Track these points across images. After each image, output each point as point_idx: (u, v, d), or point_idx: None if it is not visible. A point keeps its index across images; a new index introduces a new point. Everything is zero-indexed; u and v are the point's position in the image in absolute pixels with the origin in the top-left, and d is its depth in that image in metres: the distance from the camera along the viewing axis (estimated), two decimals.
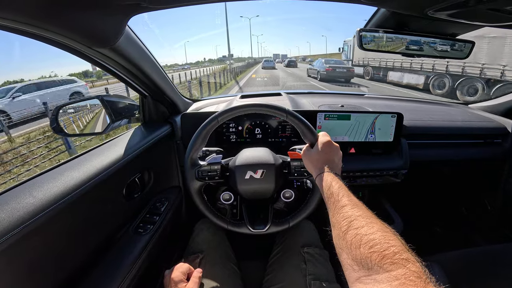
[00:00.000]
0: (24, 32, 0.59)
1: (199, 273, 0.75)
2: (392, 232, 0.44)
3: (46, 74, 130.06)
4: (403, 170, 1.25)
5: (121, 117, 1.06)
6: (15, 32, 0.58)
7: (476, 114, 1.57)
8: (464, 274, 0.97)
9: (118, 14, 0.68)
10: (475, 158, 1.41)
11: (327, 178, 0.64)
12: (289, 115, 0.81)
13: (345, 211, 0.52)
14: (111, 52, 0.79)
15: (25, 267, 0.57)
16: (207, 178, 0.87)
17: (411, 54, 0.98)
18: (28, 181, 0.66)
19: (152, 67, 1.02)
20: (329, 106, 1.45)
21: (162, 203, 1.10)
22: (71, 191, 0.65)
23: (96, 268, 0.76)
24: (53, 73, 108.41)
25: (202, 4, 0.72)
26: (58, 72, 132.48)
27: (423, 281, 0.34)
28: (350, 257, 0.43)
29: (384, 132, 1.22)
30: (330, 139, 0.75)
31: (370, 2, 0.78)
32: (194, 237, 1.00)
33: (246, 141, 1.27)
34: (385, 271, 0.37)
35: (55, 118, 0.94)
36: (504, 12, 0.72)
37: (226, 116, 0.84)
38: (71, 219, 0.68)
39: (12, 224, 0.52)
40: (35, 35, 0.61)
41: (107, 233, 0.86)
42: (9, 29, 0.57)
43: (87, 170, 0.74)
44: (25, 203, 0.57)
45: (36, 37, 0.62)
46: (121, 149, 0.91)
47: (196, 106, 1.51)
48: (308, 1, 0.79)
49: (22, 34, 0.60)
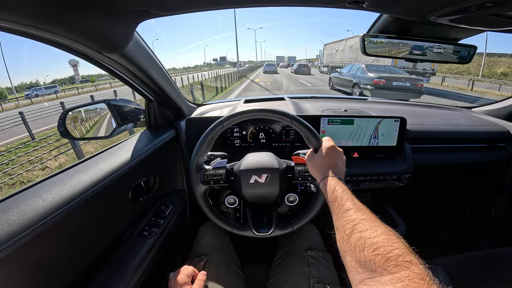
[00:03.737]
0: (36, 36, 0.61)
1: (204, 276, 0.75)
2: (395, 235, 0.44)
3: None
4: (407, 174, 1.25)
5: (127, 121, 1.08)
6: (27, 37, 0.60)
7: (480, 118, 1.57)
8: (468, 277, 0.97)
9: (127, 20, 0.69)
10: (479, 162, 1.41)
11: (331, 182, 0.64)
12: (293, 120, 0.82)
13: (349, 214, 0.52)
14: (120, 58, 0.81)
15: (33, 269, 0.57)
16: (212, 182, 0.87)
17: (414, 59, 0.99)
18: (38, 183, 0.67)
19: (159, 72, 1.04)
20: (332, 110, 1.45)
21: (167, 206, 1.11)
22: (79, 194, 0.66)
23: (102, 270, 0.77)
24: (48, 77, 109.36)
25: (209, 10, 0.73)
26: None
27: (427, 283, 0.34)
28: (354, 259, 0.43)
29: (388, 136, 1.23)
30: (334, 144, 0.75)
31: (373, 9, 0.79)
32: (198, 240, 1.00)
33: (250, 146, 1.27)
34: (388, 273, 0.37)
35: (63, 122, 0.95)
36: (505, 17, 0.73)
37: (231, 121, 0.85)
38: (79, 222, 0.69)
39: (22, 226, 0.53)
40: (47, 40, 0.63)
41: (113, 235, 0.87)
42: (20, 33, 0.58)
43: (95, 174, 0.75)
44: (35, 205, 0.58)
45: (48, 42, 0.64)
46: (128, 153, 0.92)
47: (201, 110, 1.52)
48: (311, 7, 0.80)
49: (34, 38, 0.61)
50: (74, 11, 0.57)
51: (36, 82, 58.18)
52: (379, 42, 0.95)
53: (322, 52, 30.49)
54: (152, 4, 0.63)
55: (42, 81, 68.69)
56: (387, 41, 0.94)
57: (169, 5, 0.68)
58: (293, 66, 32.67)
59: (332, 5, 0.79)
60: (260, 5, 0.76)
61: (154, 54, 0.99)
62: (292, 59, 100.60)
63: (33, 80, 76.50)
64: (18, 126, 8.10)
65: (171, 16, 0.73)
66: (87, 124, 1.12)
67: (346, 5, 0.74)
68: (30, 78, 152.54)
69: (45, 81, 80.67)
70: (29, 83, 56.68)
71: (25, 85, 54.20)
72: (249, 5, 0.75)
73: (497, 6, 0.66)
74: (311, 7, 0.78)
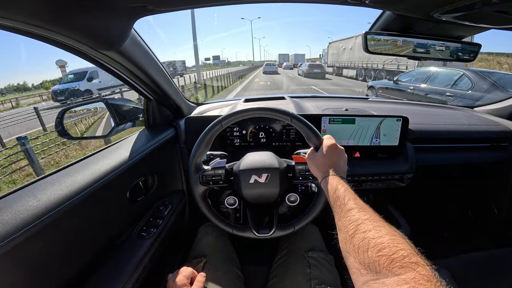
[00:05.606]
0: (30, 33, 0.59)
1: (203, 277, 0.74)
2: (400, 236, 0.43)
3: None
4: (409, 174, 1.23)
5: (125, 120, 1.06)
6: (22, 34, 0.59)
7: (482, 117, 1.55)
8: (472, 278, 0.96)
9: (124, 16, 0.68)
10: (481, 162, 1.40)
11: (333, 181, 0.63)
12: (293, 118, 0.81)
13: (352, 214, 0.51)
14: (117, 55, 0.79)
15: (29, 269, 0.56)
16: (212, 183, 0.86)
17: (418, 57, 0.97)
18: (33, 183, 0.66)
19: (157, 70, 1.02)
20: (334, 110, 1.44)
21: (165, 206, 1.10)
22: (75, 194, 0.65)
23: (99, 271, 0.75)
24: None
25: (207, 6, 0.72)
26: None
27: (433, 284, 0.33)
28: (357, 261, 0.42)
29: (389, 136, 1.21)
30: (335, 142, 0.74)
31: (375, 5, 0.78)
32: (198, 241, 0.99)
33: (250, 145, 1.26)
34: (394, 274, 0.36)
35: (60, 121, 0.94)
36: (511, 14, 0.72)
37: (229, 120, 0.83)
38: (75, 222, 0.67)
39: (16, 226, 0.52)
40: (41, 37, 0.62)
41: (110, 236, 0.85)
42: (15, 31, 0.57)
43: (91, 173, 0.74)
44: (29, 205, 0.57)
45: (42, 38, 0.62)
46: (126, 152, 0.91)
47: (200, 109, 1.51)
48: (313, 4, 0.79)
49: (29, 35, 0.60)
50: (70, 7, 0.56)
51: (24, 83, 58.12)
52: (382, 39, 0.94)
53: (326, 51, 27.12)
54: (149, 0, 0.62)
55: (30, 83, 68.23)
56: (389, 39, 0.93)
57: (166, 1, 0.66)
58: (302, 67, 23.84)
59: (334, 2, 0.77)
60: (259, 1, 0.75)
61: (153, 52, 0.98)
62: (300, 58, 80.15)
63: (21, 82, 76.59)
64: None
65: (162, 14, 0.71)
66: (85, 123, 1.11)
67: (348, 1, 0.73)
68: (18, 80, 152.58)
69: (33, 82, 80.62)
70: (17, 85, 56.61)
71: (13, 87, 53.94)
72: (248, 1, 0.74)
73: (504, 3, 0.64)
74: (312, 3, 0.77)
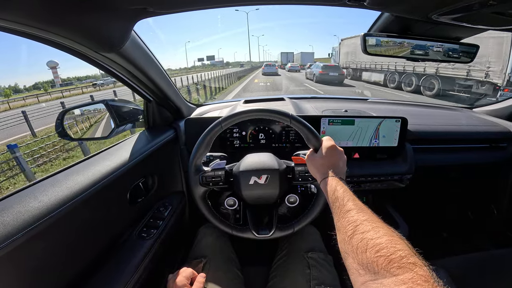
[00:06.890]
0: (31, 35, 0.60)
1: (203, 278, 0.74)
2: (398, 236, 0.44)
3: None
4: (408, 175, 1.24)
5: (125, 122, 1.07)
6: (22, 35, 0.59)
7: (481, 118, 1.56)
8: (470, 279, 0.96)
9: (125, 18, 0.69)
10: (480, 163, 1.40)
11: (332, 182, 0.63)
12: (293, 120, 0.81)
13: (351, 215, 0.51)
14: (117, 57, 0.80)
15: (29, 270, 0.56)
16: (211, 184, 0.86)
17: (416, 58, 0.98)
18: (34, 185, 0.66)
19: (157, 72, 1.03)
20: (333, 111, 1.44)
21: (165, 207, 1.10)
22: (76, 195, 0.65)
23: (100, 272, 0.75)
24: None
25: (207, 8, 0.72)
26: None
27: (431, 285, 0.33)
28: (356, 261, 0.43)
29: (389, 137, 1.21)
30: (334, 144, 0.74)
31: (374, 7, 0.78)
32: (198, 242, 0.99)
33: (250, 146, 1.26)
34: (392, 275, 0.36)
35: (61, 123, 0.94)
36: (508, 15, 0.72)
37: (229, 121, 0.84)
38: (75, 223, 0.68)
39: (17, 227, 0.52)
40: (42, 39, 0.62)
41: (110, 237, 0.85)
42: (16, 32, 0.57)
43: (92, 175, 0.74)
44: (30, 206, 0.57)
45: (43, 40, 0.63)
46: (126, 153, 0.91)
47: (200, 111, 1.52)
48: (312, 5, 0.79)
49: (29, 37, 0.61)
50: (70, 9, 0.56)
51: (15, 85, 58.85)
52: (380, 41, 0.94)
53: (338, 50, 20.97)
54: (150, 2, 0.63)
55: (22, 85, 68.87)
56: (388, 40, 0.93)
57: (166, 3, 0.67)
58: (312, 68, 18.51)
59: (332, 3, 0.78)
60: (259, 3, 0.75)
61: (153, 54, 0.98)
62: (308, 57, 62.08)
63: (12, 83, 77.55)
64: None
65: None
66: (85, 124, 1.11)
67: (346, 3, 0.73)
68: (9, 82, 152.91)
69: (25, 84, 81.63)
70: (8, 86, 57.36)
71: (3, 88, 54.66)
72: (247, 3, 0.74)
73: (500, 4, 0.65)
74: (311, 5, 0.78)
